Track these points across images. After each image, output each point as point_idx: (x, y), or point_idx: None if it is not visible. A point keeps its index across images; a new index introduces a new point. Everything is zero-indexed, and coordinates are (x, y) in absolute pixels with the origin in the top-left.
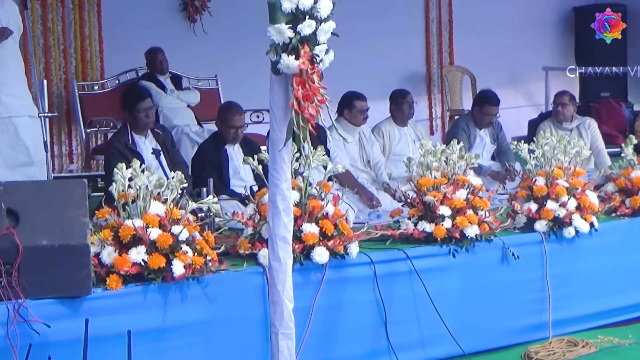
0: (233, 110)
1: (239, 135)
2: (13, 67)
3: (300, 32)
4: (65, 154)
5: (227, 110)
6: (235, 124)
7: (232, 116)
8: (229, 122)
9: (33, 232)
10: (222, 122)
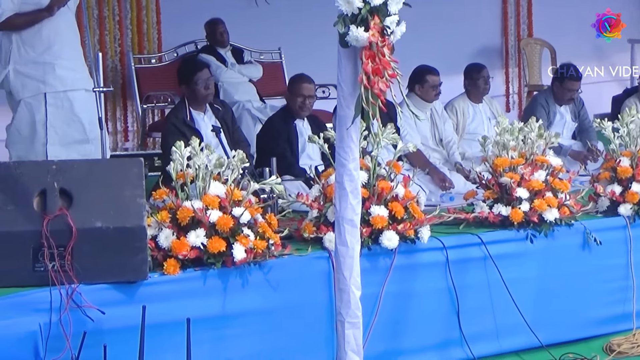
0: (303, 78)
1: (308, 106)
2: (69, 38)
3: (370, 2)
4: (120, 131)
5: (296, 79)
6: (304, 92)
7: (302, 83)
8: (298, 89)
9: (87, 214)
10: (291, 92)
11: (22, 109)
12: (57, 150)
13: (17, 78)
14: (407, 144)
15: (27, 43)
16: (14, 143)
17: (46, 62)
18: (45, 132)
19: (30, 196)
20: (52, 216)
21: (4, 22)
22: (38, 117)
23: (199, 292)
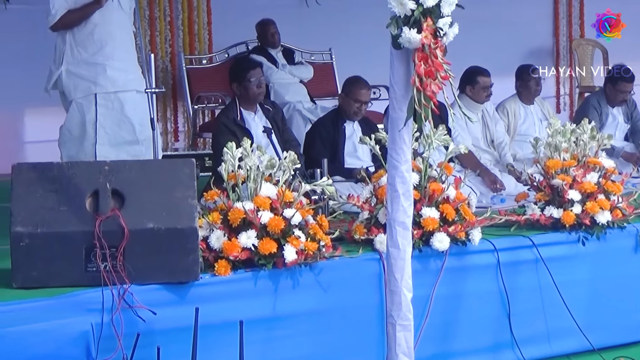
0: (361, 83)
1: (362, 111)
2: (121, 39)
3: (423, 4)
4: (171, 131)
5: (354, 83)
6: (361, 98)
7: (360, 89)
8: (355, 95)
9: (139, 215)
10: (347, 95)
11: (73, 109)
12: (107, 151)
13: (70, 78)
14: (458, 146)
15: (80, 44)
16: (65, 143)
17: (98, 63)
18: (94, 133)
19: (83, 197)
20: (105, 217)
21: (59, 21)
22: (88, 117)
23: (250, 294)
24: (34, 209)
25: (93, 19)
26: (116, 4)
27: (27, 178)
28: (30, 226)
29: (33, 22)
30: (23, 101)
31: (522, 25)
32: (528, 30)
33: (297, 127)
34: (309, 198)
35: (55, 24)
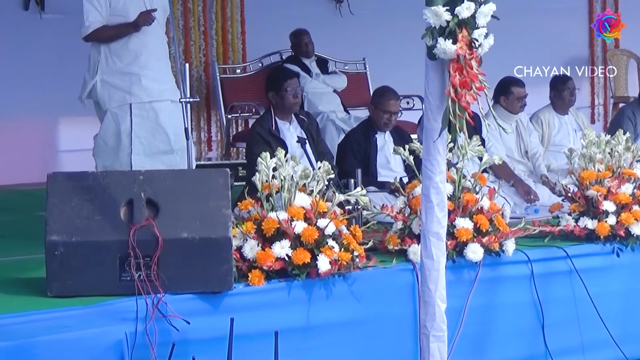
0: (389, 94)
1: (392, 122)
2: (156, 49)
3: (458, 15)
4: (204, 140)
5: (382, 94)
6: (390, 109)
7: (388, 100)
8: (384, 106)
9: (173, 224)
10: (376, 106)
11: (108, 119)
12: (142, 160)
13: (104, 88)
14: (492, 157)
15: (114, 54)
16: (100, 152)
17: (132, 72)
18: (130, 142)
19: (118, 206)
20: (139, 226)
21: (92, 34)
22: (123, 127)
23: (284, 303)
24: (69, 218)
25: None
26: None
27: (62, 187)
28: (65, 235)
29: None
30: (57, 110)
31: (557, 35)
32: (563, 40)
33: (330, 137)
34: (342, 208)
35: (88, 35)
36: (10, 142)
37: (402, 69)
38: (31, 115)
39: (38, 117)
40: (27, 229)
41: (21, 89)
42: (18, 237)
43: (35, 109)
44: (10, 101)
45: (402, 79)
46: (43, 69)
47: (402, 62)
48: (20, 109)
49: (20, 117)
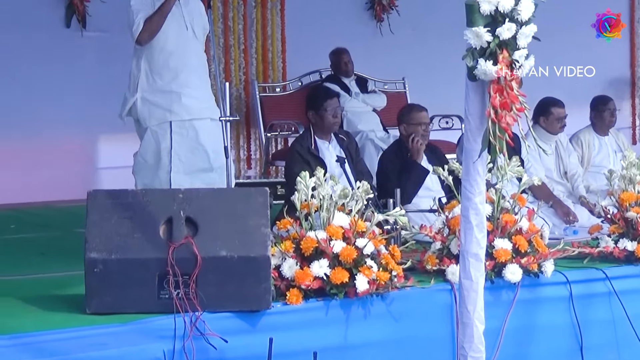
0: (416, 107)
1: (428, 134)
2: (196, 67)
3: (499, 36)
4: (244, 158)
5: (410, 110)
6: (423, 120)
7: (417, 112)
8: (416, 119)
9: (212, 242)
10: (407, 123)
11: (148, 136)
12: (181, 179)
13: (145, 106)
14: (532, 177)
15: (155, 72)
16: (140, 170)
17: (173, 90)
18: (169, 160)
19: (157, 224)
20: (178, 244)
21: (143, 31)
22: (163, 145)
23: (321, 323)
24: (109, 236)
25: (168, 46)
26: (191, 33)
27: (102, 205)
28: (105, 252)
29: (108, 49)
30: (97, 127)
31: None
32: (604, 60)
33: (369, 156)
34: (381, 228)
35: (140, 34)
36: (49, 158)
37: (441, 88)
38: (71, 132)
39: (78, 133)
40: (66, 245)
41: (62, 105)
42: (57, 254)
43: (75, 125)
44: (50, 118)
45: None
46: (83, 86)
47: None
48: (61, 125)
49: (60, 134)
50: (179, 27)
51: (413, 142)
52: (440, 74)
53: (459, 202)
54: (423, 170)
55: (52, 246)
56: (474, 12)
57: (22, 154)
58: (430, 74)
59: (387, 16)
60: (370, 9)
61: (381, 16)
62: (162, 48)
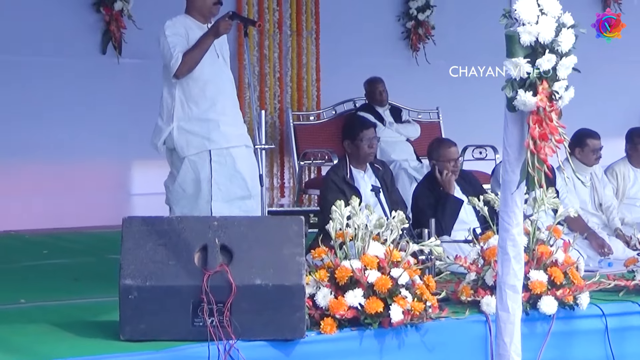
0: (446, 142)
1: (458, 169)
2: (230, 94)
3: (539, 67)
4: (277, 187)
5: (439, 145)
6: (453, 156)
7: (447, 148)
8: (446, 155)
9: (247, 271)
10: (437, 159)
11: (186, 166)
12: (221, 207)
13: (181, 135)
14: (567, 209)
15: (190, 100)
16: (179, 200)
17: (211, 119)
18: (209, 189)
19: (192, 251)
20: (213, 272)
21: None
22: (203, 175)
23: (355, 352)
24: (143, 262)
25: (204, 75)
26: (221, 61)
27: (137, 231)
28: (139, 279)
29: (144, 76)
30: (131, 153)
31: (634, 87)
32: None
33: (402, 186)
34: (416, 258)
35: (179, 69)
36: (83, 184)
37: (474, 118)
38: (105, 158)
39: (111, 159)
40: (99, 271)
41: (96, 131)
42: (91, 280)
43: (110, 151)
44: (85, 143)
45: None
46: (119, 112)
47: (474, 111)
48: (95, 151)
49: (94, 160)
50: (211, 56)
51: (442, 175)
52: (474, 104)
53: (495, 232)
54: (457, 201)
55: (86, 272)
56: (514, 42)
57: (56, 179)
58: (463, 103)
59: (424, 46)
60: (406, 39)
61: (417, 45)
62: (197, 77)
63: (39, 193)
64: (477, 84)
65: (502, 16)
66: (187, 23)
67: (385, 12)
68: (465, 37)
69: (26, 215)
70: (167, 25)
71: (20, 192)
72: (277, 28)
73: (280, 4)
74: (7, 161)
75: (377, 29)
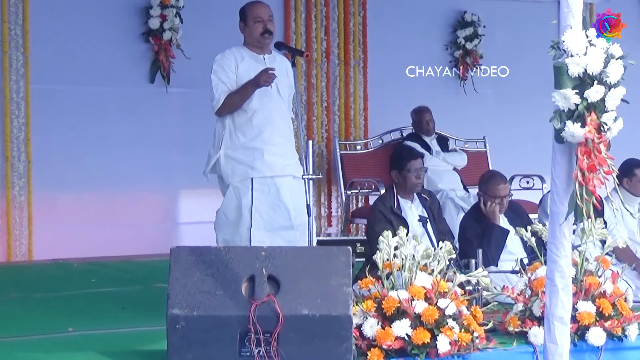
0: (496, 178)
1: (505, 205)
2: (279, 125)
3: (587, 98)
4: (325, 216)
5: (489, 179)
6: (500, 193)
7: (496, 185)
8: (493, 191)
9: (294, 301)
10: (485, 192)
11: (230, 193)
12: (261, 235)
13: (228, 163)
14: (616, 240)
15: (239, 129)
16: (221, 226)
17: (256, 148)
18: (250, 217)
19: (239, 281)
20: (260, 302)
21: (222, 106)
22: (244, 202)
23: None
24: (191, 292)
25: (253, 104)
26: (275, 91)
27: (185, 261)
28: (187, 309)
29: (192, 105)
30: (179, 182)
31: None
32: None
33: (449, 215)
34: (463, 288)
35: (219, 108)
36: (131, 212)
37: (522, 148)
38: (153, 187)
39: (160, 188)
40: (147, 300)
41: (144, 160)
42: (138, 309)
43: (158, 180)
44: (133, 172)
45: (522, 158)
46: (166, 141)
47: (522, 141)
48: (143, 180)
49: (141, 188)
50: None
51: (486, 206)
52: (521, 133)
53: (542, 263)
54: (502, 231)
55: (133, 301)
56: (563, 74)
57: (104, 208)
58: (510, 132)
59: (471, 75)
60: (454, 67)
61: (465, 74)
62: (246, 106)
63: (88, 221)
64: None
65: (550, 47)
66: (240, 54)
67: (433, 41)
68: (513, 66)
69: (74, 244)
70: (216, 58)
71: (69, 220)
72: (324, 57)
73: (328, 33)
74: (57, 189)
75: (424, 57)
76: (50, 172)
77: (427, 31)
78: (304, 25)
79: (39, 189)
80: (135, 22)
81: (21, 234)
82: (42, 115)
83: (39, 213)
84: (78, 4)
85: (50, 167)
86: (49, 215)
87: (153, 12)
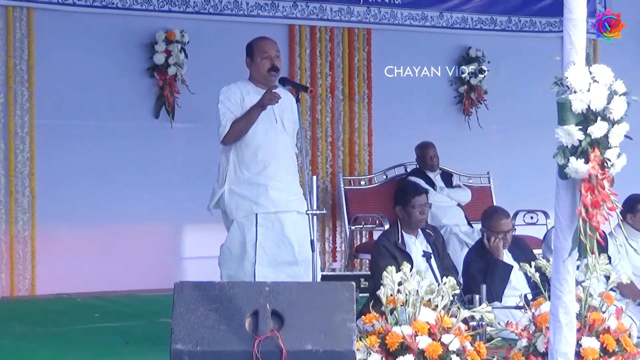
0: (499, 213)
1: (508, 241)
2: (284, 160)
3: (591, 135)
4: (329, 251)
5: (492, 215)
6: (503, 228)
7: (499, 220)
8: (496, 227)
9: (297, 336)
10: (488, 228)
11: (234, 228)
12: (266, 271)
13: (232, 198)
14: (620, 275)
15: (243, 164)
16: (225, 261)
17: (260, 183)
18: (254, 252)
19: (243, 316)
20: (264, 337)
21: (228, 133)
22: (249, 237)
23: None
24: (195, 327)
25: (257, 139)
26: (280, 126)
27: (188, 296)
28: (191, 344)
29: (196, 140)
30: (183, 217)
31: None
32: None
33: (453, 250)
34: (467, 324)
35: (225, 136)
36: (135, 247)
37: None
38: (157, 221)
39: (163, 223)
40: (150, 335)
41: (149, 195)
42: (142, 343)
43: (162, 215)
44: (137, 206)
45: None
46: (171, 176)
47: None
48: (147, 214)
49: (146, 223)
50: (268, 120)
51: (490, 242)
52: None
53: (546, 299)
54: (506, 267)
55: (137, 336)
56: (566, 110)
57: (108, 242)
58: (515, 168)
59: (476, 110)
60: (458, 103)
61: (469, 110)
62: (249, 141)
63: (91, 255)
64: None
65: (554, 84)
66: (246, 89)
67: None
68: (518, 102)
69: (78, 278)
70: (222, 90)
71: (72, 254)
72: (329, 93)
73: (333, 68)
74: (60, 224)
75: (429, 93)
76: (54, 206)
77: (431, 66)
78: (308, 61)
79: (42, 224)
80: (140, 57)
81: (25, 268)
82: (46, 150)
83: (42, 247)
84: (83, 39)
85: (54, 202)
86: (52, 250)
87: (158, 48)
